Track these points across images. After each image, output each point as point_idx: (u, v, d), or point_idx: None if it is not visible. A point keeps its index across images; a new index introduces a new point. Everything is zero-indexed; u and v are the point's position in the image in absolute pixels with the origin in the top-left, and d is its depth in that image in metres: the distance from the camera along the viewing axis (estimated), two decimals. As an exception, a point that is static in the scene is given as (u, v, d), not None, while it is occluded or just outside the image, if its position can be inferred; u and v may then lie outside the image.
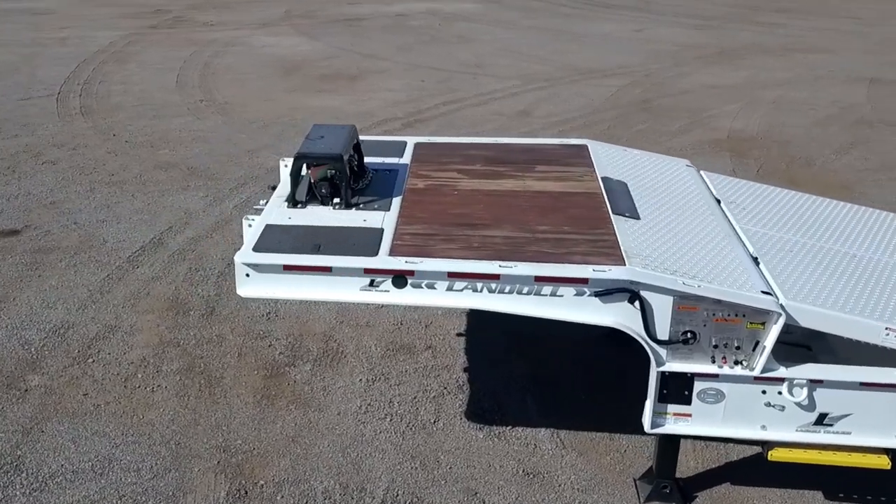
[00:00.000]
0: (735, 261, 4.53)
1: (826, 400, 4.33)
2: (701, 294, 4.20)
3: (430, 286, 4.27)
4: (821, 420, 4.36)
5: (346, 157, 4.90)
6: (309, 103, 11.33)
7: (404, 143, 5.87)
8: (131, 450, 4.94)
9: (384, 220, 4.73)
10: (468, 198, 5.06)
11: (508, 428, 5.22)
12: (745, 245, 4.76)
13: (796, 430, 4.39)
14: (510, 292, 4.25)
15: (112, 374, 5.64)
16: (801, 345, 4.70)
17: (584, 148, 5.87)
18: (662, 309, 4.23)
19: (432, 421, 5.27)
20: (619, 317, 4.23)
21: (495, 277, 4.22)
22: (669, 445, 4.63)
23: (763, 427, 4.41)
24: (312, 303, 6.48)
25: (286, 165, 5.73)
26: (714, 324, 4.24)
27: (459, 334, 6.16)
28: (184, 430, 5.13)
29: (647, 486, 4.75)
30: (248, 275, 4.33)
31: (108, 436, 5.04)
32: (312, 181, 4.90)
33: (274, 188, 5.51)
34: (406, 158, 5.62)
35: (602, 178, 5.31)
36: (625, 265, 4.25)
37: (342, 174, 4.87)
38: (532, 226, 4.68)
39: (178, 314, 6.31)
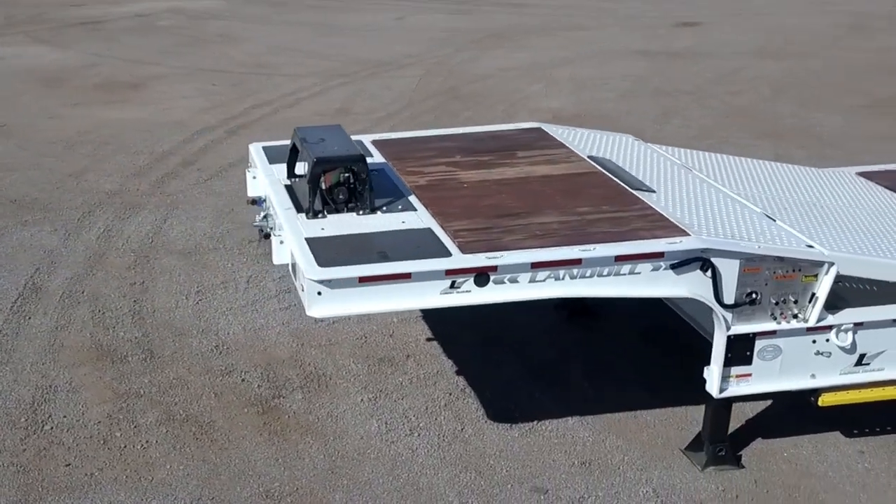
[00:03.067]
0: (762, 221, 5.04)
1: (865, 341, 4.94)
2: (765, 254, 4.65)
3: (513, 280, 4.41)
4: (860, 360, 4.97)
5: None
6: (104, 116, 10.75)
7: (361, 143, 5.88)
8: (163, 514, 4.66)
9: (421, 219, 4.79)
10: (483, 189, 5.22)
11: (536, 423, 5.43)
12: (750, 207, 5.28)
13: (840, 374, 4.97)
14: (591, 276, 4.48)
15: (84, 437, 5.23)
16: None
17: (541, 130, 6.20)
18: (730, 273, 4.64)
19: (459, 429, 5.38)
20: (692, 286, 4.59)
21: (577, 262, 4.43)
22: (724, 409, 5.06)
23: (812, 376, 4.95)
24: (259, 329, 6.33)
25: (254, 177, 5.60)
26: (774, 282, 4.71)
27: (430, 339, 6.27)
28: (208, 484, 4.90)
29: (700, 453, 5.15)
30: (319, 293, 4.25)
31: (127, 504, 4.72)
32: (325, 187, 4.85)
33: (254, 202, 5.37)
34: (378, 157, 5.66)
35: (589, 157, 5.65)
36: (689, 235, 4.61)
37: (365, 176, 4.87)
38: (571, 209, 4.93)
39: (114, 362, 5.93)
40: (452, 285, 4.35)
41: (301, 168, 5.29)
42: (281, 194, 5.14)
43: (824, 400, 4.98)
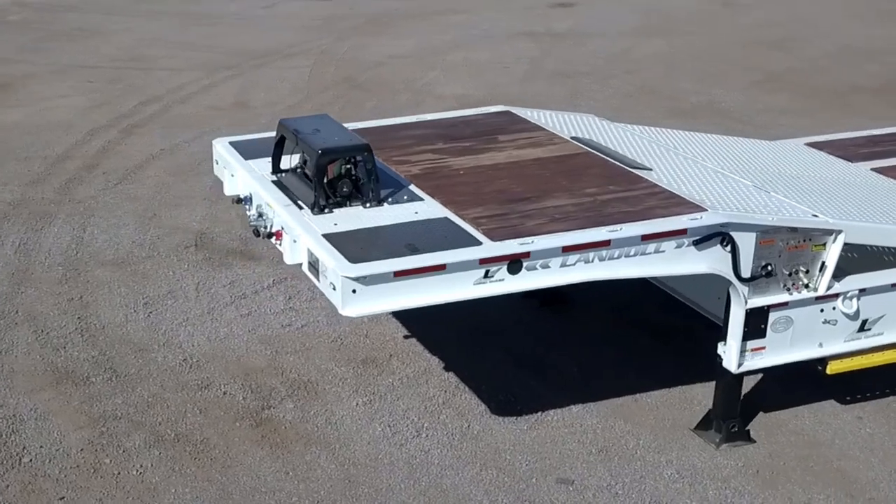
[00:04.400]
0: (760, 194, 5.23)
1: (867, 306, 5.20)
2: (780, 225, 4.84)
3: (545, 266, 4.46)
4: (862, 326, 5.23)
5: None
6: (-22, 121, 10.19)
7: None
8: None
9: (433, 209, 4.78)
10: (480, 175, 5.26)
11: (541, 413, 5.50)
12: (742, 181, 5.47)
13: (844, 341, 5.23)
14: (618, 257, 4.58)
15: (70, 467, 4.98)
16: None
17: (510, 114, 6.29)
18: (747, 247, 4.81)
19: (465, 426, 5.39)
20: (712, 261, 4.75)
21: (605, 244, 4.52)
22: (736, 385, 5.24)
23: (820, 345, 5.18)
24: (225, 338, 6.16)
25: (232, 175, 5.45)
26: (787, 253, 4.91)
27: (407, 336, 6.24)
28: (222, 504, 4.75)
29: (710, 431, 5.32)
30: (354, 291, 4.19)
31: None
32: (326, 179, 4.78)
33: (240, 201, 5.23)
34: None
35: (573, 139, 5.75)
36: (706, 210, 4.76)
37: (371, 166, 4.81)
38: (579, 191, 5.03)
39: (77, 385, 5.66)
40: (486, 275, 4.37)
41: (288, 162, 5.18)
42: (273, 191, 5.02)
43: (832, 368, 5.22)
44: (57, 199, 8.25)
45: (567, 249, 4.47)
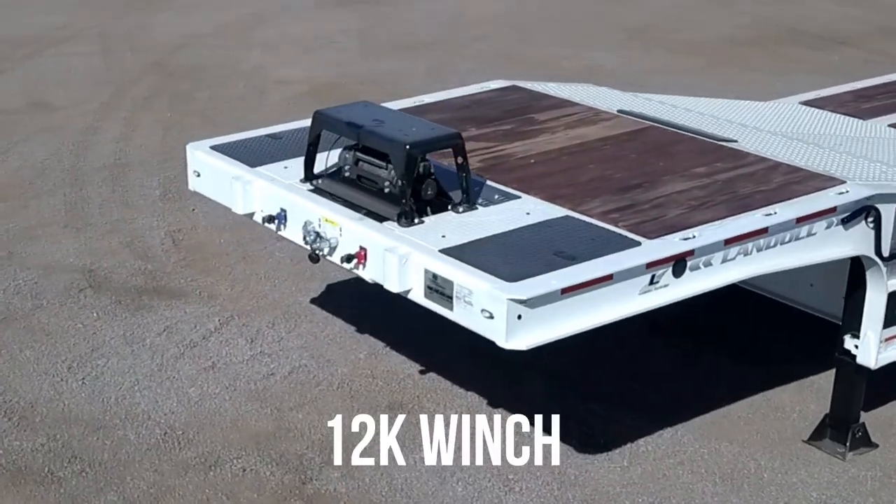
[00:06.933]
0: (859, 162, 5.23)
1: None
2: None
3: (707, 264, 4.28)
4: None
5: None
6: None
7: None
8: None
9: (542, 207, 4.51)
10: (556, 162, 5.06)
11: (632, 445, 5.28)
12: (823, 148, 5.46)
13: None
14: (775, 245, 4.46)
15: None
16: None
17: (520, 88, 6.17)
18: (888, 221, 4.78)
19: (558, 472, 5.09)
20: (857, 241, 4.70)
21: (763, 232, 4.39)
22: (862, 383, 5.21)
23: None
24: (201, 400, 5.55)
25: (246, 188, 4.86)
26: None
27: (423, 371, 5.85)
28: None
29: (827, 441, 5.27)
30: (520, 316, 3.81)
31: None
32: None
33: (271, 220, 4.70)
34: None
35: (620, 112, 5.60)
36: (846, 182, 4.70)
37: (464, 161, 4.44)
38: (687, 170, 4.93)
39: (45, 485, 4.87)
40: (651, 281, 4.11)
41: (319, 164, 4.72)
42: (325, 203, 4.54)
43: None
44: None
45: (729, 242, 4.29)
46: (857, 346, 5.03)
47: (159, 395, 5.56)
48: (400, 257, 4.10)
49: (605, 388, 5.73)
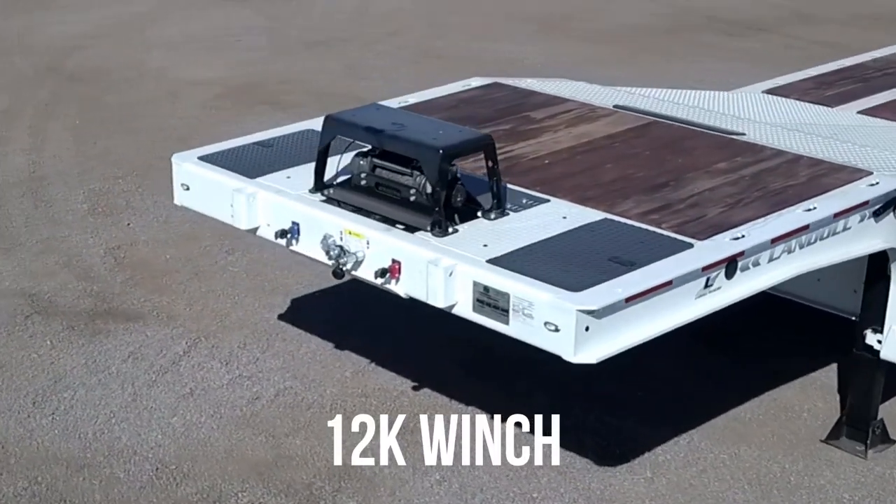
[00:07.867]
0: (866, 150, 5.34)
1: None
2: None
3: (755, 264, 4.32)
4: None
5: None
6: None
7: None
8: None
9: (576, 211, 4.49)
10: (570, 162, 5.04)
11: (651, 454, 5.29)
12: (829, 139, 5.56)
13: None
14: (815, 241, 4.52)
15: None
16: None
17: (503, 85, 6.12)
18: None
19: (583, 488, 5.06)
20: (888, 234, 4.79)
21: (804, 229, 4.45)
22: (881, 379, 5.31)
23: None
24: (188, 430, 5.38)
25: (249, 201, 4.72)
26: None
27: (416, 387, 5.77)
28: None
29: (845, 439, 5.36)
30: (587, 328, 3.78)
31: None
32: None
33: (284, 235, 4.57)
34: None
35: (617, 107, 5.61)
36: (872, 174, 4.80)
37: (494, 165, 4.40)
38: (710, 166, 4.97)
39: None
40: (706, 284, 4.12)
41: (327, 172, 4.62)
42: (347, 215, 4.43)
43: None
44: None
45: (776, 241, 4.33)
46: (879, 341, 5.12)
47: (140, 427, 5.36)
48: (445, 269, 4.01)
49: (610, 395, 5.72)
